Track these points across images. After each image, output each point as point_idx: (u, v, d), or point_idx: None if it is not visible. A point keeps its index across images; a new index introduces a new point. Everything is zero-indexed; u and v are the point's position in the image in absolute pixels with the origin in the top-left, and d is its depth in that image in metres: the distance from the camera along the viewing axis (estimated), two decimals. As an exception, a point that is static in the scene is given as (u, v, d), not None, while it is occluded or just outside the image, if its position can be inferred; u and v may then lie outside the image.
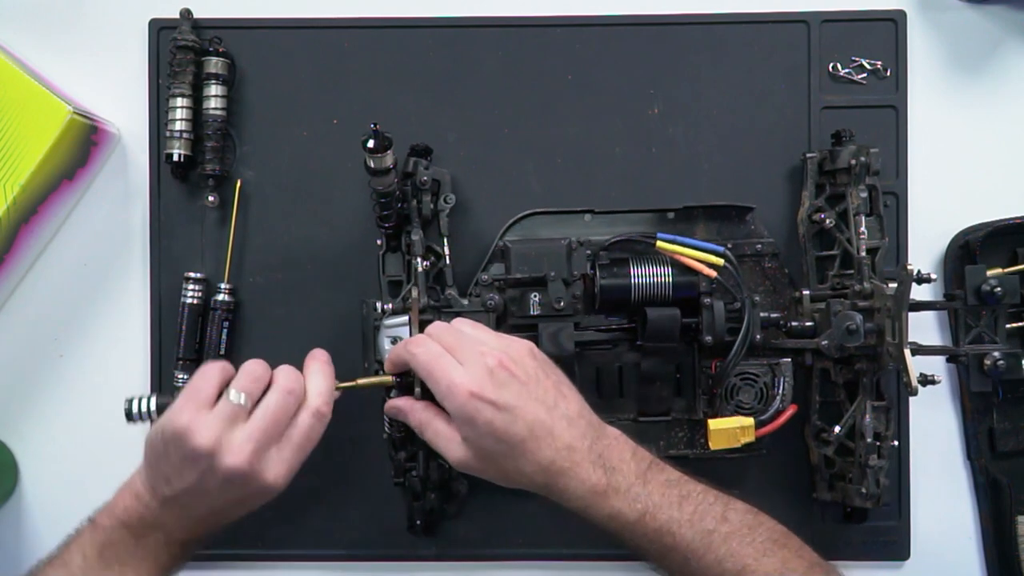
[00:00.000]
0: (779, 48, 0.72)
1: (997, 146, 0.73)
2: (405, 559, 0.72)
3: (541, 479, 0.58)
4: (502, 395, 0.57)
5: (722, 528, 0.58)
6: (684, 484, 0.60)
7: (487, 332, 0.62)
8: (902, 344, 0.62)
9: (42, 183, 0.68)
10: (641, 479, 0.58)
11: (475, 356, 0.58)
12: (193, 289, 0.70)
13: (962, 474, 0.73)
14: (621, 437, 0.60)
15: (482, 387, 0.57)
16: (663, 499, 0.58)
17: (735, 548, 0.57)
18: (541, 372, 0.60)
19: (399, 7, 0.72)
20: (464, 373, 0.58)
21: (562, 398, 0.59)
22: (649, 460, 0.60)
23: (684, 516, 0.58)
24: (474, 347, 0.59)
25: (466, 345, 0.59)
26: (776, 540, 0.59)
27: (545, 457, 0.57)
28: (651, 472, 0.59)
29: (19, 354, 0.73)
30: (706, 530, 0.58)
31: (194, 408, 0.57)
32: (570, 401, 0.60)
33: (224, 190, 0.71)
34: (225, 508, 0.59)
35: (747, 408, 0.68)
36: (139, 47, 0.72)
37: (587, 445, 0.58)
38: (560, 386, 0.60)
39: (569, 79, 0.72)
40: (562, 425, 0.58)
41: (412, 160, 0.68)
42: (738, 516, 0.59)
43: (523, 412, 0.57)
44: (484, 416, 0.57)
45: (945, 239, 0.72)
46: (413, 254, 0.67)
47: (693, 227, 0.71)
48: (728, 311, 0.67)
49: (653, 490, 0.58)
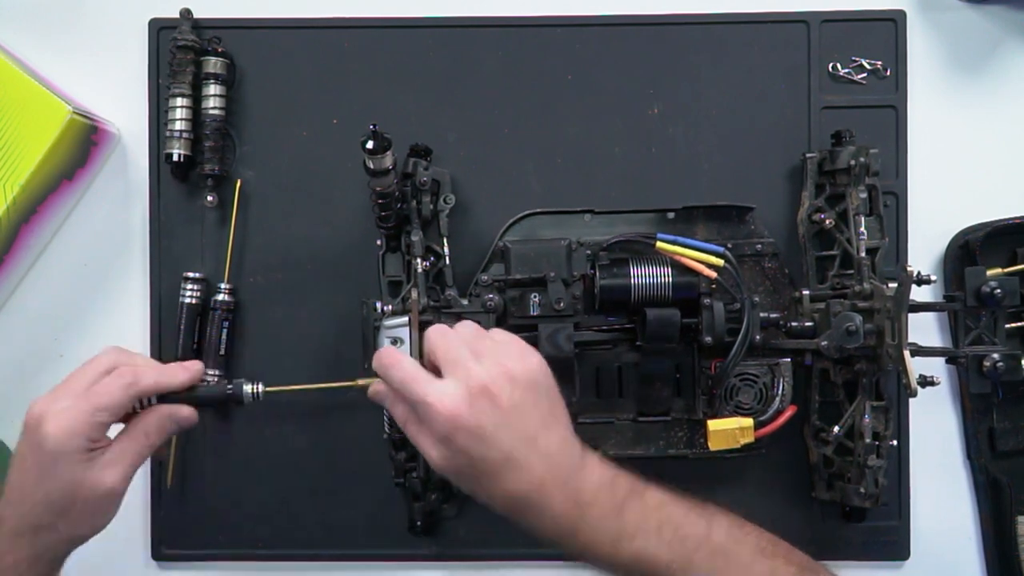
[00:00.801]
0: (779, 48, 0.72)
1: (997, 146, 0.73)
2: (405, 559, 0.72)
3: (511, 507, 0.57)
4: (479, 421, 0.54)
5: (703, 549, 0.56)
6: (664, 508, 0.57)
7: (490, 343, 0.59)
8: (902, 345, 0.62)
9: (42, 183, 0.68)
10: (616, 510, 0.56)
11: (460, 374, 0.56)
12: (193, 289, 0.70)
13: (962, 474, 0.73)
14: (601, 466, 0.58)
15: (458, 410, 0.54)
16: (639, 528, 0.56)
17: (720, 565, 0.56)
18: (530, 400, 0.56)
19: (399, 7, 0.72)
20: (442, 393, 0.55)
21: (544, 430, 0.56)
22: (628, 488, 0.57)
23: (663, 540, 0.56)
24: (462, 364, 0.56)
25: (454, 359, 0.57)
26: (763, 550, 0.58)
27: (516, 489, 0.55)
28: (629, 501, 0.57)
29: (19, 354, 0.73)
30: (686, 553, 0.56)
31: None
32: (552, 434, 0.57)
33: (224, 190, 0.71)
34: (55, 504, 0.57)
35: (747, 408, 0.68)
36: (139, 47, 0.72)
37: (562, 480, 0.56)
38: (547, 417, 0.57)
39: (569, 79, 0.72)
40: (535, 459, 0.55)
41: (412, 160, 0.68)
42: (722, 532, 0.57)
43: (498, 442, 0.55)
44: (459, 440, 0.55)
45: (945, 239, 0.72)
46: (413, 254, 0.67)
47: (693, 227, 0.71)
48: (728, 311, 0.67)
49: (629, 520, 0.56)
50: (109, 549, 0.72)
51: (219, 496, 0.72)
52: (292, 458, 0.72)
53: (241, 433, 0.72)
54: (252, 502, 0.72)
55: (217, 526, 0.72)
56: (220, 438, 0.72)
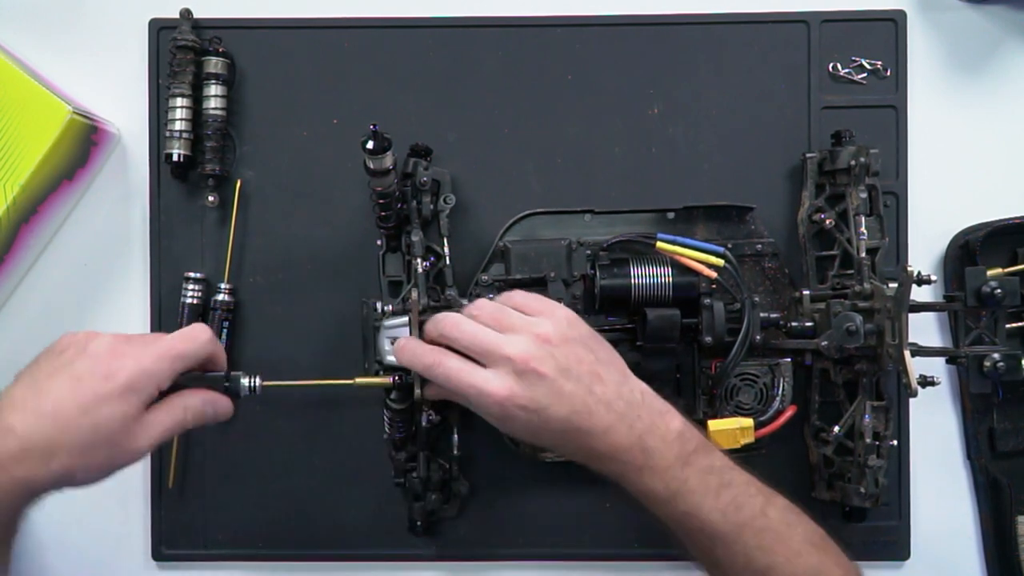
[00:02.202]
0: (779, 48, 0.72)
1: (997, 146, 0.73)
2: (405, 559, 0.72)
3: (579, 459, 0.59)
4: (533, 396, 0.56)
5: (757, 522, 0.57)
6: (727, 472, 0.58)
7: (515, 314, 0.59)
8: (902, 345, 0.62)
9: (42, 183, 0.68)
10: (681, 461, 0.57)
11: (500, 360, 0.57)
12: (193, 289, 0.70)
13: (962, 474, 0.73)
14: (668, 414, 0.59)
15: (512, 392, 0.56)
16: (700, 484, 0.57)
17: (767, 543, 0.57)
18: (573, 356, 0.58)
19: (399, 7, 0.72)
20: (491, 380, 0.57)
21: (598, 381, 0.58)
22: (696, 442, 0.58)
23: (719, 504, 0.57)
24: (496, 349, 0.57)
25: (486, 347, 0.58)
26: (814, 543, 0.58)
27: (583, 444, 0.58)
28: (694, 456, 0.58)
29: (19, 354, 0.73)
30: (740, 521, 0.57)
31: None
32: (607, 378, 0.58)
33: (224, 190, 0.71)
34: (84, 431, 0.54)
35: (747, 408, 0.68)
36: (139, 47, 0.72)
37: (626, 426, 0.57)
38: (595, 365, 0.58)
39: (569, 79, 0.72)
40: (600, 411, 0.57)
41: (412, 160, 0.68)
42: (777, 513, 0.58)
43: (557, 409, 0.56)
44: (519, 420, 0.57)
45: (945, 239, 0.72)
46: (413, 254, 0.67)
47: (693, 227, 0.71)
48: (728, 311, 0.67)
49: (691, 474, 0.57)
50: (109, 549, 0.73)
51: (219, 496, 0.72)
52: (292, 458, 0.72)
53: (241, 433, 0.72)
54: (252, 502, 0.72)
55: (217, 526, 0.72)
56: (220, 438, 0.72)
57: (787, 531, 0.58)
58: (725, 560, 0.57)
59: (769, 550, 0.57)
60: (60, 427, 0.53)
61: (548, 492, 0.72)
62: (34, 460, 0.53)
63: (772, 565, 0.57)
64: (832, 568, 0.58)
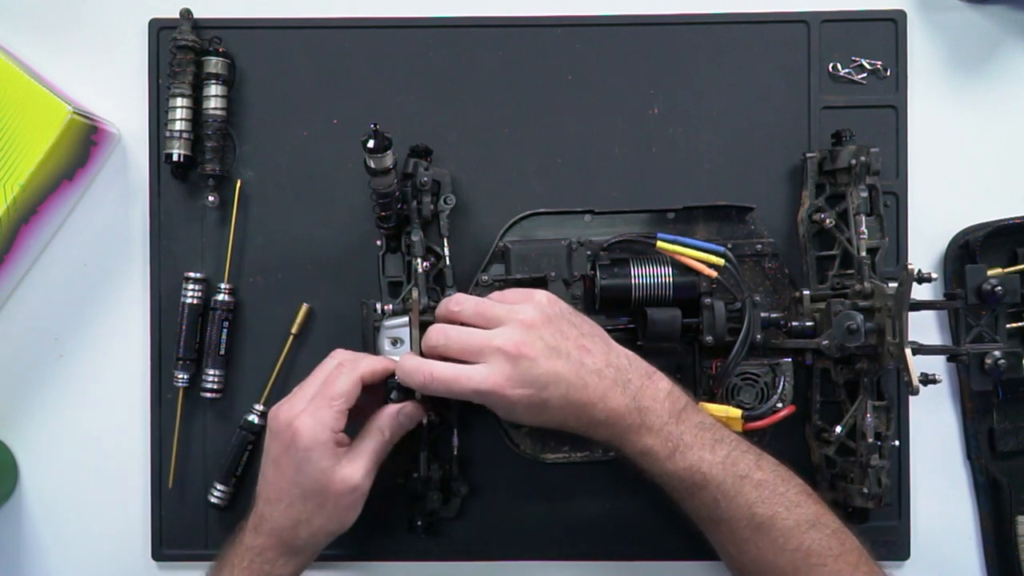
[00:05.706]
0: (779, 48, 0.72)
1: (997, 146, 0.73)
2: (405, 559, 0.72)
3: (580, 430, 0.61)
4: (528, 377, 0.59)
5: (755, 475, 0.59)
6: (718, 429, 0.61)
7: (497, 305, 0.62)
8: (903, 343, 0.62)
9: (42, 183, 0.68)
10: (675, 418, 0.60)
11: (491, 353, 0.59)
12: (193, 289, 0.70)
13: (962, 474, 0.73)
14: (656, 375, 0.62)
15: (509, 379, 0.59)
16: (695, 439, 0.60)
17: (767, 496, 0.59)
18: (559, 334, 0.60)
19: (399, 7, 0.72)
20: (487, 374, 0.59)
21: (587, 353, 0.60)
22: (685, 401, 0.61)
23: (717, 458, 0.59)
24: (486, 345, 0.59)
25: (476, 347, 0.60)
26: (808, 494, 0.61)
27: (583, 415, 0.60)
28: (685, 413, 0.61)
29: (19, 354, 0.73)
30: (738, 474, 0.59)
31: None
32: (595, 353, 0.61)
33: (224, 190, 0.71)
34: (306, 507, 0.61)
35: (748, 408, 0.68)
36: (139, 47, 0.72)
37: (620, 390, 0.60)
38: (580, 339, 0.61)
39: (569, 79, 0.72)
40: (593, 380, 0.60)
41: (412, 160, 0.68)
42: (771, 467, 0.61)
43: (554, 387, 0.59)
44: (522, 404, 0.59)
45: (945, 239, 0.72)
46: (413, 255, 0.67)
47: (693, 227, 0.71)
48: (728, 311, 0.67)
49: (686, 430, 0.60)
50: (109, 549, 0.73)
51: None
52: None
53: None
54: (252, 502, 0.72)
55: (217, 526, 0.72)
56: (220, 438, 0.72)
57: (783, 484, 0.60)
58: (728, 514, 0.59)
59: (769, 501, 0.59)
60: (286, 503, 0.61)
61: (548, 492, 0.72)
62: (285, 536, 0.61)
63: (775, 516, 0.59)
64: (828, 516, 0.60)
